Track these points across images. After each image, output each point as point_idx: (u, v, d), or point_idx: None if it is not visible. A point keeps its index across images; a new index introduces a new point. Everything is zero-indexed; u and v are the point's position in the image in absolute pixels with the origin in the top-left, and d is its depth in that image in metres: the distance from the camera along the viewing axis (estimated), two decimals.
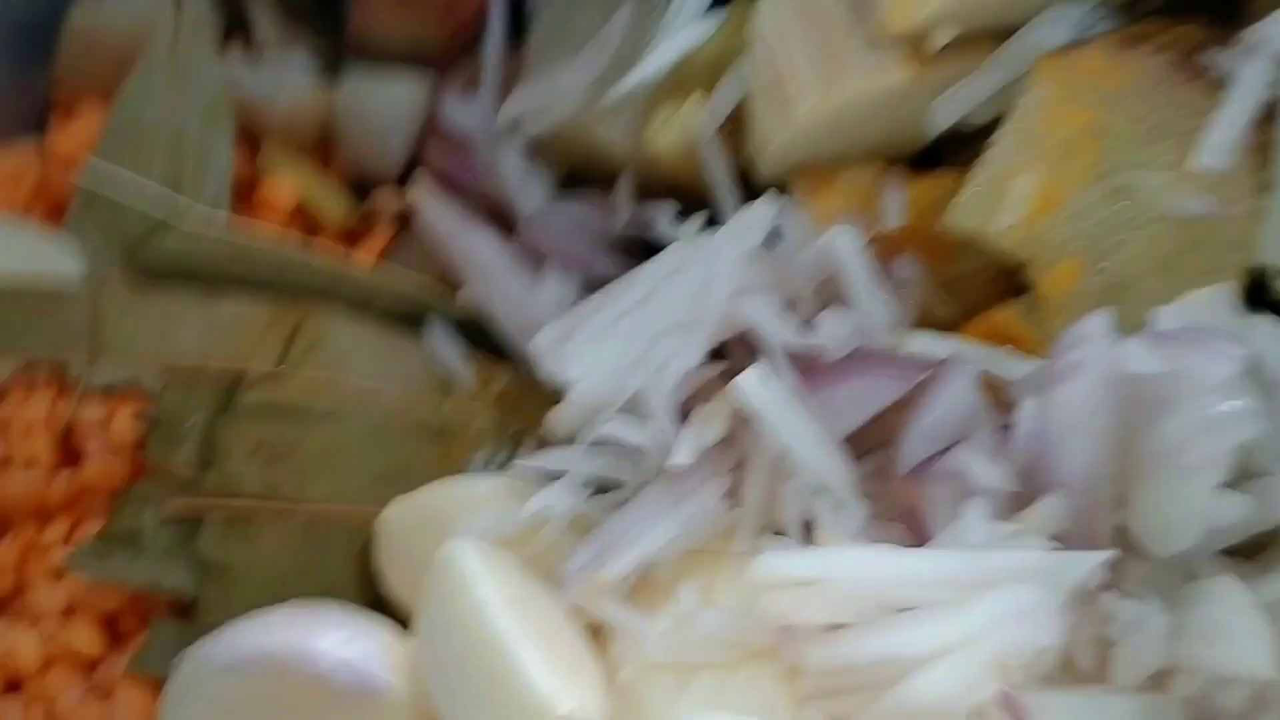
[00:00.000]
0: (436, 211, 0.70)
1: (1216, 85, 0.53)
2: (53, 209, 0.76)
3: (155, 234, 0.64)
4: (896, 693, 0.49)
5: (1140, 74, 0.54)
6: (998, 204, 0.56)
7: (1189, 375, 0.48)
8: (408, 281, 0.67)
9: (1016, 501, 0.52)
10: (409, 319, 0.66)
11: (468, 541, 0.55)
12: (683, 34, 0.67)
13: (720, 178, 0.65)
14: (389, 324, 0.66)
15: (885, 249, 0.62)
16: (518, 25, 0.75)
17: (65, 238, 0.71)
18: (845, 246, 0.60)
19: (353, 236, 0.77)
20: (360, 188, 0.78)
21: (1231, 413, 0.49)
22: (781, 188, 0.65)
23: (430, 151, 0.75)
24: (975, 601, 0.49)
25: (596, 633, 0.57)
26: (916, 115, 0.61)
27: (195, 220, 0.65)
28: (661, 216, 0.66)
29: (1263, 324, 0.51)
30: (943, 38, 0.58)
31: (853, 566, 0.51)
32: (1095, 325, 0.50)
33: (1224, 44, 0.54)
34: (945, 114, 0.60)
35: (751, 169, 0.66)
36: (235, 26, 0.81)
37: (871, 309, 0.59)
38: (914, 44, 0.59)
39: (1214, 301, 0.51)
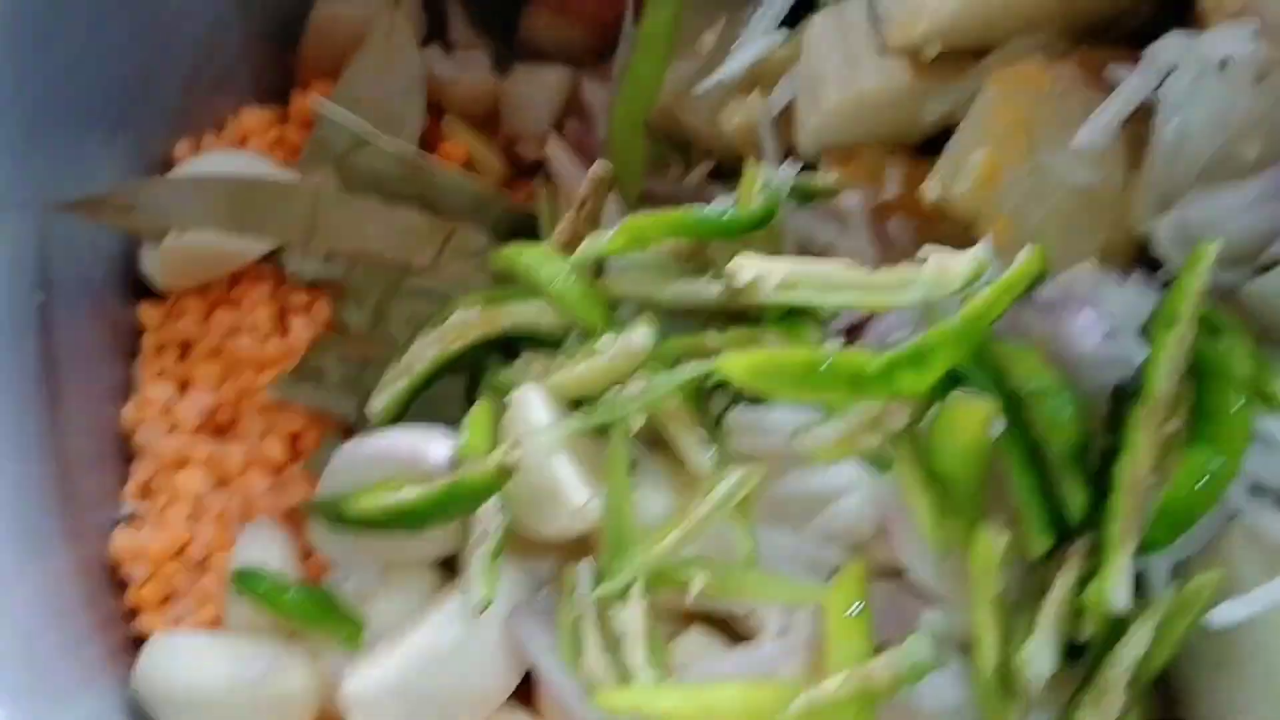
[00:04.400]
0: (564, 161, 0.91)
1: (1112, 89, 0.69)
2: (289, 153, 0.96)
3: (356, 149, 0.83)
4: None
5: (1060, 81, 0.70)
6: (956, 176, 0.74)
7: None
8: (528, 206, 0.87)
9: None
10: (533, 234, 0.86)
11: (535, 390, 0.73)
12: (756, 45, 0.84)
13: (770, 153, 0.83)
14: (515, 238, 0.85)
15: (883, 212, 0.80)
16: None
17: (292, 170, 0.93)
18: (850, 205, 0.79)
19: (503, 185, 0.97)
20: (512, 152, 0.99)
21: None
22: (815, 165, 0.83)
23: (566, 124, 0.96)
24: None
25: None
26: (915, 110, 0.78)
27: (385, 143, 0.84)
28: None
29: (1119, 291, 0.68)
30: (931, 51, 0.75)
31: None
32: None
33: (1131, 61, 0.70)
34: (933, 109, 0.78)
35: (794, 150, 0.83)
36: (436, 29, 1.02)
37: (858, 244, 0.78)
38: (912, 55, 0.77)
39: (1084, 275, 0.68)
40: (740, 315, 0.74)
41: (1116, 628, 0.65)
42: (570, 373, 0.73)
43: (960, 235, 0.74)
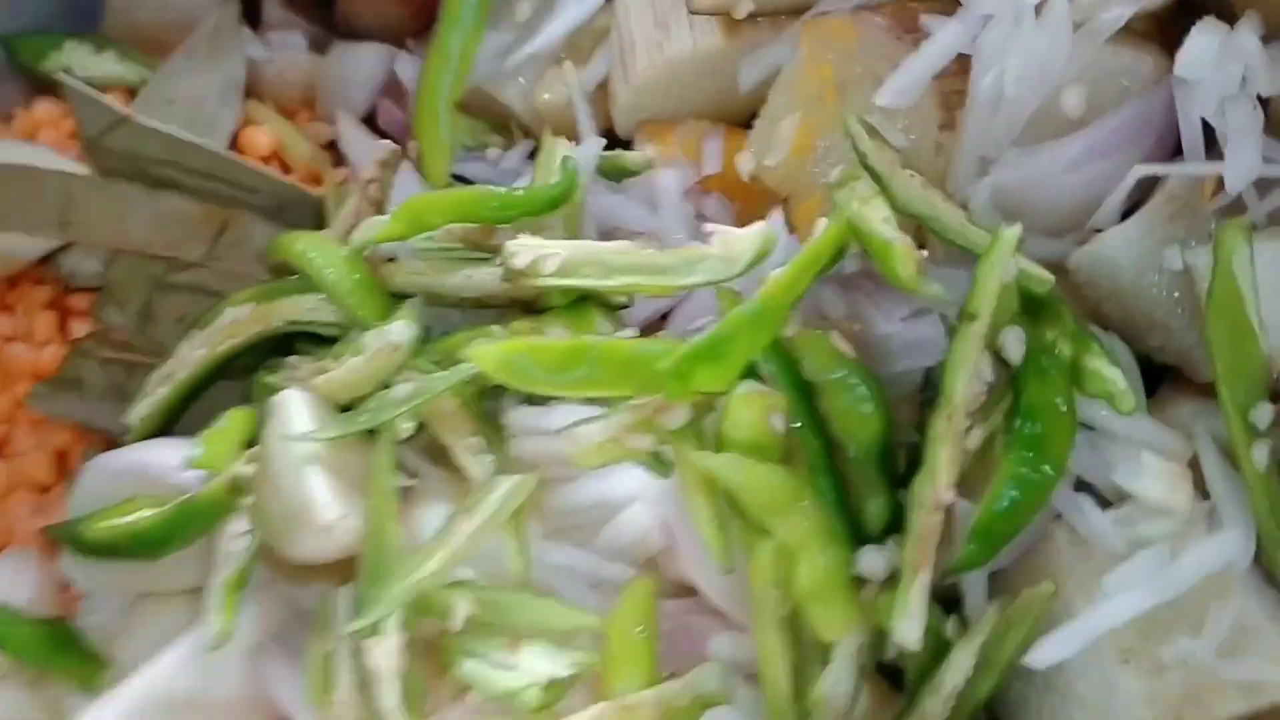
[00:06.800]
0: (356, 141, 0.85)
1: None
2: None
3: (114, 128, 0.75)
4: None
5: (869, 34, 0.62)
6: (769, 146, 0.66)
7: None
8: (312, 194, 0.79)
9: None
10: (318, 226, 0.77)
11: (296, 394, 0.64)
12: (570, 12, 0.77)
13: (585, 130, 0.76)
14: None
15: (702, 190, 0.72)
16: None
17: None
18: (664, 184, 0.71)
19: (316, 178, 0.88)
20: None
21: None
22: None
23: (380, 104, 0.88)
24: None
25: None
26: (731, 78, 0.71)
27: (145, 121, 0.76)
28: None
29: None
30: (742, 10, 0.68)
31: None
32: None
33: (951, 10, 0.62)
34: (749, 76, 0.70)
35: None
36: (250, 10, 0.93)
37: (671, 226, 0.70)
38: (724, 17, 0.69)
39: None
40: (531, 307, 0.66)
41: (938, 649, 0.57)
42: (335, 373, 0.65)
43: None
